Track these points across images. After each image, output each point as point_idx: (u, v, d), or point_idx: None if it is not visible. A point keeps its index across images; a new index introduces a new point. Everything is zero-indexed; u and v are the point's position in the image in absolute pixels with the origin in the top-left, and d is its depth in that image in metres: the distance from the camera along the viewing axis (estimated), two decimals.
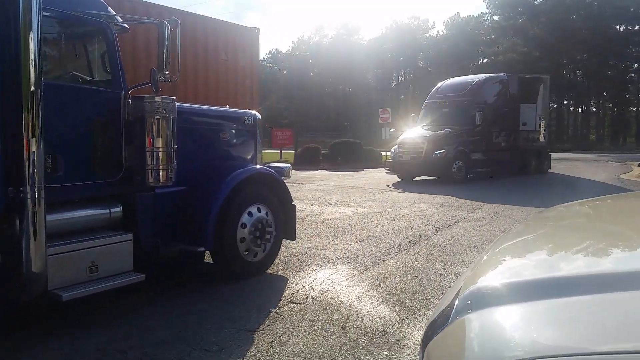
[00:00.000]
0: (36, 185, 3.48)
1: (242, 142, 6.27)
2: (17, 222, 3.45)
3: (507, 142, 19.44)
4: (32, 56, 3.48)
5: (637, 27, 61.86)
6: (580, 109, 68.67)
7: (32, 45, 3.49)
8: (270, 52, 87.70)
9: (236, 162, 6.03)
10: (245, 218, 5.42)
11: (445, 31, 71.38)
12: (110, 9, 4.57)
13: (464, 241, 7.55)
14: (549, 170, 21.14)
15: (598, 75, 60.62)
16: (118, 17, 4.60)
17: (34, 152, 3.49)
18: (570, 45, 57.17)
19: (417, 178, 17.40)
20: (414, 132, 17.94)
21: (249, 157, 6.34)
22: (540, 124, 20.31)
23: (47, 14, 3.87)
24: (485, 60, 66.15)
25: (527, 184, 17.25)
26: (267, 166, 6.33)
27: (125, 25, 4.74)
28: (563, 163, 25.55)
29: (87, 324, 4.21)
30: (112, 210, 4.55)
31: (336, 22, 78.10)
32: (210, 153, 5.83)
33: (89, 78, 4.80)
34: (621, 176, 19.35)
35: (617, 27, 61.65)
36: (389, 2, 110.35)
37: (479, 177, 17.76)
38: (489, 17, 68.47)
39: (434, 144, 16.62)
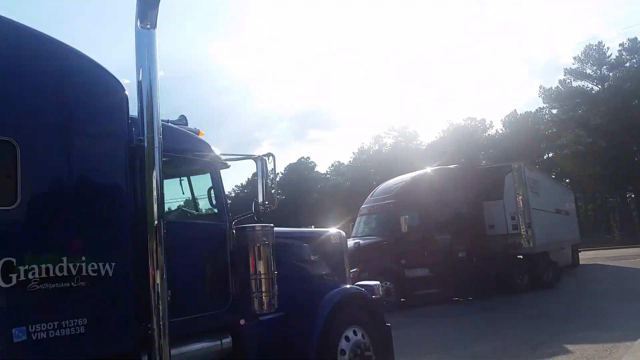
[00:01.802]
0: (161, 320, 3.68)
1: (331, 261, 6.38)
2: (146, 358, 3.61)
3: (467, 252, 15.20)
4: (155, 193, 3.89)
5: None
6: None
7: (155, 183, 3.91)
8: (332, 165, 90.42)
9: (328, 283, 6.09)
10: (343, 343, 5.36)
11: (504, 129, 71.46)
12: (214, 148, 5.02)
13: None
14: (557, 283, 16.19)
15: None
16: (221, 156, 5.04)
17: (158, 283, 3.75)
18: (636, 133, 55.56)
19: None
20: None
21: (339, 276, 6.39)
22: (516, 225, 15.52)
23: (165, 159, 4.30)
24: (550, 155, 65.06)
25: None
26: (357, 284, 6.35)
27: (227, 163, 5.17)
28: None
29: None
30: (223, 341, 4.66)
31: (394, 130, 80.00)
32: (303, 275, 5.95)
33: (196, 213, 5.17)
34: None
35: None
36: (442, 107, 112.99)
37: (422, 301, 13.44)
38: (547, 111, 68.24)
39: None
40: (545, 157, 65.05)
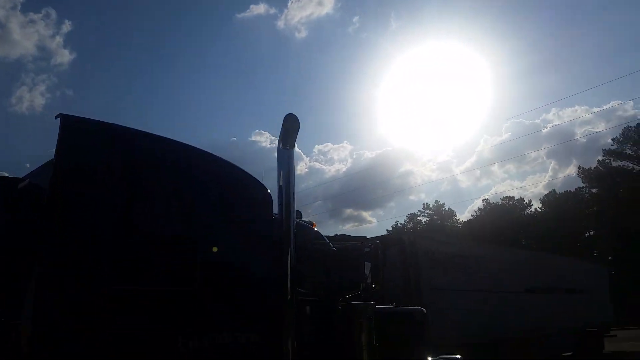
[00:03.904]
0: None
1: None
2: None
3: None
4: (289, 274, 4.91)
5: None
6: None
7: (289, 267, 4.95)
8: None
9: None
10: None
11: (543, 208, 71.03)
12: (324, 237, 6.06)
13: None
14: None
15: None
16: (331, 244, 6.07)
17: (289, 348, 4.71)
18: None
19: None
20: None
21: None
22: None
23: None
24: (592, 233, 63.99)
25: None
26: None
27: (335, 248, 6.19)
28: None
29: None
30: None
31: (429, 208, 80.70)
32: None
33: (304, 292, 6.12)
34: None
35: None
36: (478, 187, 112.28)
37: None
38: (587, 191, 67.72)
39: None
40: (586, 235, 64.09)
